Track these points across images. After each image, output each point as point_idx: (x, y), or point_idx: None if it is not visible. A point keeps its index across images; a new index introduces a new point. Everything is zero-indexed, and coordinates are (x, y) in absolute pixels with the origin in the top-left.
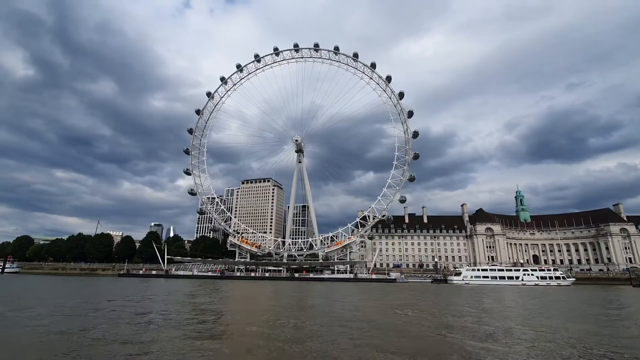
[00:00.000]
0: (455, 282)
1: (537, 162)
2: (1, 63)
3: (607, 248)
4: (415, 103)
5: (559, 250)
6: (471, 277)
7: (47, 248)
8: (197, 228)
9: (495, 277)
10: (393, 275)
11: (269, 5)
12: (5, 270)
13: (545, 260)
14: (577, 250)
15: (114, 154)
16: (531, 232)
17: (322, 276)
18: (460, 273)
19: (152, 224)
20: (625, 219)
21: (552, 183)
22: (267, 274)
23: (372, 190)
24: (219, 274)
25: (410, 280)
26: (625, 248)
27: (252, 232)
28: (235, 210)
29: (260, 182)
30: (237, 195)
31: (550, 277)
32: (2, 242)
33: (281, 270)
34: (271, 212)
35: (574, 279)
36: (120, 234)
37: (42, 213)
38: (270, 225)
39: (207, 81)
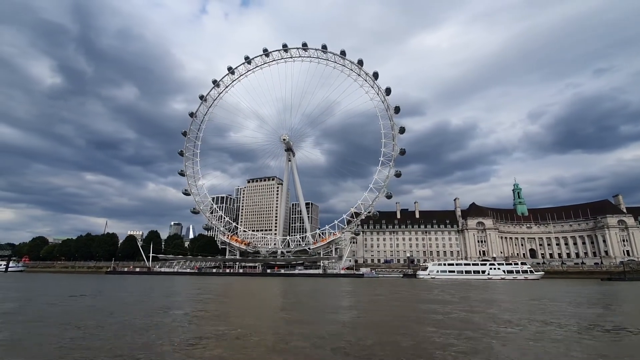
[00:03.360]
0: (421, 276)
1: (564, 153)
2: (30, 72)
3: (604, 241)
4: (432, 96)
5: (557, 244)
6: (437, 271)
7: (58, 248)
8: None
9: (462, 272)
10: (362, 270)
11: (282, 6)
12: (9, 269)
13: (542, 254)
14: (575, 244)
15: (139, 157)
16: (528, 225)
17: (293, 272)
18: (427, 268)
19: (172, 223)
20: (624, 210)
21: (581, 174)
22: (241, 270)
23: (391, 186)
24: (196, 271)
25: (380, 275)
26: (623, 241)
27: (244, 230)
28: (242, 209)
29: (265, 180)
30: (243, 193)
31: (517, 272)
32: (19, 243)
33: (256, 266)
34: (276, 210)
35: (542, 272)
36: (141, 233)
37: (74, 215)
38: (275, 223)
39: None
